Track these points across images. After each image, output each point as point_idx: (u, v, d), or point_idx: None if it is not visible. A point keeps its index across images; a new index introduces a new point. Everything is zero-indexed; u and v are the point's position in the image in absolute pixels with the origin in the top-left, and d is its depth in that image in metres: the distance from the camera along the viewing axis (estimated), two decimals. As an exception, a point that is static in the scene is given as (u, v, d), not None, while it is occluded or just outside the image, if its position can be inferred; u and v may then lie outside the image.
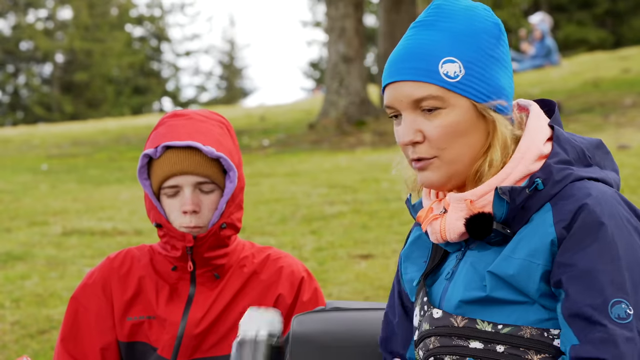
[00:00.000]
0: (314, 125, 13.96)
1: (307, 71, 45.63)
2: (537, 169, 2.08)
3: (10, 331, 5.42)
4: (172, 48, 44.81)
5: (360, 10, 14.11)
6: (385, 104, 2.14)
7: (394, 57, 2.12)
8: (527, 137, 2.10)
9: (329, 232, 7.19)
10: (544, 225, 2.04)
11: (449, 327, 2.10)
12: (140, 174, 2.86)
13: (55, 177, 11.53)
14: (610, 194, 2.06)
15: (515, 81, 2.22)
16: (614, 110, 12.74)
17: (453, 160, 2.09)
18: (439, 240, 2.15)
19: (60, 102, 38.56)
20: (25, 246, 7.38)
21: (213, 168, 2.81)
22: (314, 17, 44.22)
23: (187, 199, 2.80)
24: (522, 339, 2.04)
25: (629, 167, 8.41)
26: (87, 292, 2.91)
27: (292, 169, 10.55)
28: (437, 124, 2.07)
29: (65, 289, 6.06)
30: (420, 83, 2.07)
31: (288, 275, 2.92)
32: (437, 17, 2.11)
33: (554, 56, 19.63)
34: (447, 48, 2.08)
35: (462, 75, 2.07)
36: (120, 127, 18.15)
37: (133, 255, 2.93)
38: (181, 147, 2.79)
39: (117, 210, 8.70)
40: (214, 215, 2.83)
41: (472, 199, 2.08)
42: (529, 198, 2.05)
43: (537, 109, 2.16)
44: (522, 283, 2.04)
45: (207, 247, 2.84)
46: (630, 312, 1.97)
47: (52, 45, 39.18)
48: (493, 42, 2.11)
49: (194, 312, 2.87)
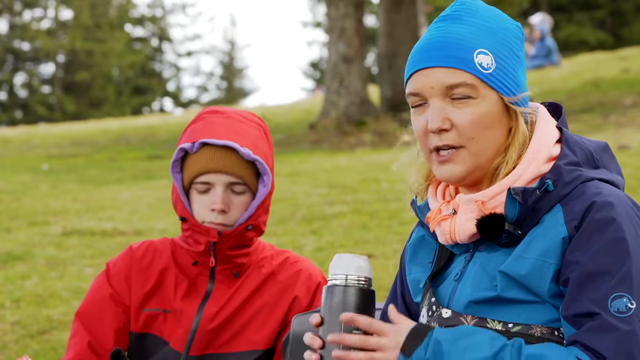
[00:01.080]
0: (314, 126, 13.96)
1: (308, 71, 45.64)
2: (547, 171, 2.09)
3: (10, 331, 5.42)
4: (173, 48, 44.82)
5: (361, 10, 14.11)
6: (411, 91, 2.13)
7: (424, 45, 2.13)
8: (537, 138, 2.11)
9: (329, 232, 7.19)
10: (556, 225, 2.05)
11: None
12: (173, 167, 2.86)
13: (55, 177, 11.53)
14: (620, 194, 2.08)
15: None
16: (614, 111, 12.74)
17: (478, 153, 2.09)
18: (448, 241, 2.15)
19: (62, 102, 38.57)
20: (26, 246, 7.37)
21: (247, 170, 2.82)
22: (314, 18, 44.24)
23: (218, 197, 2.81)
24: (533, 337, 2.05)
25: (629, 167, 8.41)
26: (110, 279, 2.92)
27: (292, 169, 10.55)
28: (467, 113, 2.08)
29: (65, 289, 6.06)
30: (455, 70, 2.08)
31: (306, 278, 2.93)
32: (465, 13, 2.14)
33: (554, 56, 19.63)
34: (480, 40, 2.10)
35: (494, 68, 2.10)
36: (120, 127, 18.15)
37: (155, 248, 2.94)
38: (218, 146, 2.81)
39: (117, 211, 8.70)
40: (242, 216, 2.84)
41: (483, 200, 2.09)
42: (539, 199, 2.06)
43: (545, 111, 2.18)
44: (533, 283, 2.04)
45: (229, 245, 2.85)
46: (631, 307, 1.97)
47: (54, 45, 39.18)
48: (517, 43, 2.15)
49: (209, 307, 2.88)
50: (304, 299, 2.91)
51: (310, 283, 2.93)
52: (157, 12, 44.40)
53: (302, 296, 2.91)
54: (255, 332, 2.88)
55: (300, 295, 2.91)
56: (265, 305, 2.90)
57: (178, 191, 2.86)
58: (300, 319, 2.67)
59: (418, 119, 2.13)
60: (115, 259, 2.96)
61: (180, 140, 2.87)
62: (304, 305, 2.91)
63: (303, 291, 2.91)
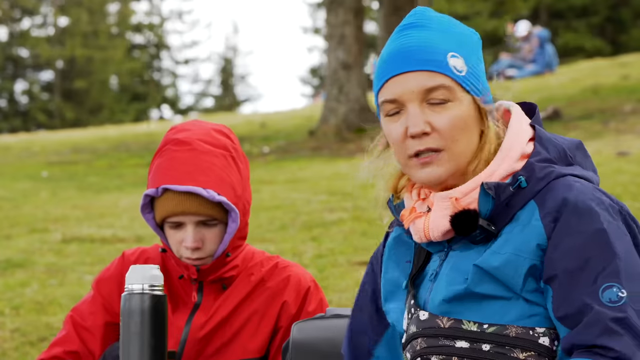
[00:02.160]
0: (314, 132, 13.97)
1: (307, 78, 45.66)
2: (520, 168, 2.11)
3: (10, 338, 5.42)
4: (171, 55, 44.83)
5: (360, 17, 14.12)
6: (387, 98, 2.13)
7: (397, 51, 2.14)
8: (510, 136, 2.14)
9: (329, 239, 7.19)
10: (531, 221, 2.06)
11: (435, 328, 2.12)
12: (143, 209, 2.84)
13: (55, 184, 11.53)
14: (592, 187, 2.09)
15: (514, 88, 2.25)
16: (614, 117, 12.75)
17: (458, 155, 2.11)
18: (422, 239, 2.16)
19: (61, 109, 38.58)
20: (25, 253, 7.37)
21: (215, 208, 2.79)
22: (314, 24, 44.25)
23: (189, 236, 2.79)
24: (508, 337, 2.05)
25: (629, 174, 8.41)
26: (103, 283, 2.93)
27: (292, 176, 10.55)
28: (446, 116, 2.10)
29: (65, 296, 6.06)
30: (432, 73, 2.10)
31: (295, 284, 2.92)
32: (427, 20, 2.17)
33: (553, 63, 19.63)
34: (450, 44, 2.13)
35: (466, 71, 2.12)
36: (120, 134, 18.15)
37: (148, 256, 2.94)
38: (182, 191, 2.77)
39: (117, 218, 8.70)
40: (218, 248, 2.83)
41: (457, 196, 2.11)
42: (512, 196, 2.08)
43: (519, 109, 2.20)
44: (507, 276, 2.05)
45: (211, 273, 2.85)
46: (622, 295, 1.98)
47: (53, 52, 39.21)
48: (478, 47, 2.18)
49: (198, 316, 2.87)
50: (293, 305, 2.90)
51: (299, 288, 2.91)
52: (154, 19, 44.41)
53: (291, 302, 2.90)
54: (248, 340, 2.86)
55: (289, 301, 2.89)
56: (256, 312, 2.89)
57: (152, 229, 2.86)
58: (300, 325, 2.67)
59: (394, 125, 2.13)
60: (109, 265, 2.96)
61: (148, 175, 2.84)
62: (293, 312, 2.89)
63: (292, 297, 2.90)
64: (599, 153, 9.81)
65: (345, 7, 13.87)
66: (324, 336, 2.63)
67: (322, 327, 2.65)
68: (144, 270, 2.31)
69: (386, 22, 14.41)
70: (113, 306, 2.89)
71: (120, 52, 39.87)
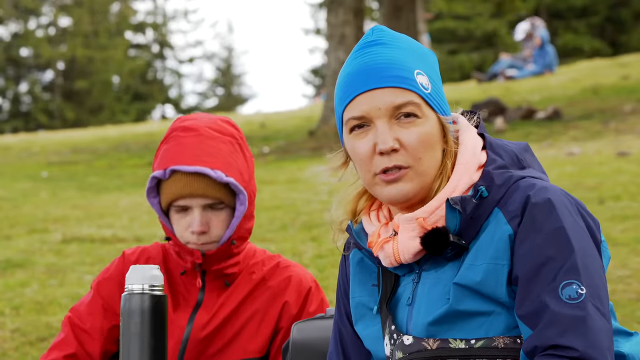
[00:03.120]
0: (314, 132, 13.97)
1: (309, 78, 45.65)
2: (478, 178, 2.12)
3: (10, 339, 5.42)
4: (174, 55, 44.84)
5: (360, 17, 14.12)
6: (354, 115, 2.11)
7: (363, 68, 2.12)
8: (464, 149, 2.14)
9: (329, 239, 7.18)
10: (499, 226, 2.07)
11: (423, 352, 2.10)
12: (149, 193, 2.85)
13: (55, 184, 11.52)
14: (552, 185, 2.10)
15: (514, 88, 2.26)
16: (614, 117, 12.74)
17: (424, 172, 2.11)
18: (393, 263, 2.14)
19: (61, 109, 38.58)
20: (25, 253, 7.37)
21: (222, 190, 2.80)
22: (316, 24, 44.25)
23: (196, 220, 2.79)
24: (497, 349, 2.06)
25: (629, 174, 8.40)
26: (103, 284, 2.92)
27: (292, 176, 10.55)
28: (415, 132, 2.09)
29: (65, 296, 6.06)
30: (401, 90, 2.10)
31: (296, 284, 2.92)
32: (389, 38, 2.16)
33: (553, 63, 19.63)
34: (415, 62, 2.13)
35: (431, 89, 2.13)
36: (120, 135, 18.15)
37: (149, 255, 2.94)
38: (190, 172, 2.78)
39: (116, 218, 8.69)
40: (225, 233, 2.83)
41: (424, 216, 2.10)
42: (476, 207, 2.08)
43: (465, 121, 2.20)
44: (490, 288, 2.05)
45: (216, 261, 2.84)
46: (582, 292, 1.99)
47: (54, 52, 39.21)
48: (436, 66, 2.18)
49: (200, 316, 2.87)
50: (294, 305, 2.90)
51: (300, 289, 2.92)
52: (158, 18, 44.41)
53: (292, 302, 2.90)
54: (249, 341, 2.86)
55: (290, 301, 2.90)
56: (257, 312, 2.89)
57: (157, 214, 2.85)
58: (300, 326, 2.67)
59: (361, 142, 2.11)
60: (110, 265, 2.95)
61: (154, 162, 2.85)
62: (294, 312, 2.90)
63: (293, 297, 2.90)
64: (598, 153, 9.81)
65: (345, 7, 13.88)
66: (323, 336, 2.63)
67: (322, 328, 2.66)
68: (144, 271, 2.31)
69: (386, 22, 14.41)
70: (113, 307, 2.88)
71: (121, 52, 39.86)
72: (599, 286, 2.01)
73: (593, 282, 2.00)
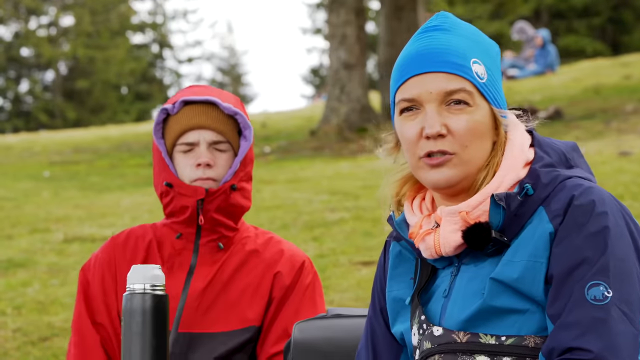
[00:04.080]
0: (316, 132, 13.97)
1: (308, 78, 45.68)
2: (524, 175, 2.11)
3: (12, 338, 5.42)
4: (174, 55, 44.86)
5: (362, 17, 14.12)
6: (405, 97, 2.11)
7: (419, 51, 2.12)
8: (512, 145, 2.13)
9: (330, 239, 7.19)
10: (541, 224, 2.05)
11: (452, 344, 2.09)
12: (156, 132, 2.90)
13: (57, 184, 11.53)
14: (599, 187, 2.09)
15: (515, 88, 2.26)
16: (615, 117, 12.74)
17: (469, 161, 2.10)
18: (433, 255, 2.13)
19: (63, 109, 38.60)
20: (27, 253, 7.38)
21: (229, 125, 2.88)
22: (314, 25, 44.28)
23: (203, 152, 2.85)
24: (527, 348, 2.04)
25: (630, 174, 8.40)
26: (92, 269, 2.95)
27: (293, 176, 10.56)
28: (464, 119, 2.09)
29: (66, 295, 6.06)
30: (454, 76, 2.09)
31: (289, 257, 2.93)
32: (451, 25, 2.16)
33: (555, 63, 19.64)
34: (473, 51, 2.12)
35: (487, 79, 2.12)
36: (121, 134, 18.16)
37: (137, 234, 2.96)
38: (199, 102, 2.87)
39: (118, 217, 8.70)
40: (227, 173, 2.88)
41: (467, 210, 2.09)
42: (521, 205, 2.07)
43: (513, 116, 2.19)
44: (527, 286, 2.04)
45: (216, 206, 2.86)
46: (608, 295, 1.97)
47: (55, 52, 39.23)
48: (498, 58, 2.18)
49: (195, 283, 2.88)
50: (287, 277, 2.90)
51: (293, 261, 2.92)
52: (157, 18, 44.44)
53: (285, 273, 2.90)
54: (244, 310, 2.87)
55: (283, 272, 2.90)
56: (251, 282, 2.89)
57: (162, 155, 2.88)
58: (302, 326, 2.67)
59: (410, 124, 2.11)
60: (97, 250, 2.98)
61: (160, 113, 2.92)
62: (287, 283, 2.90)
63: (286, 269, 2.91)
64: (600, 153, 9.81)
65: (346, 7, 13.88)
66: (325, 336, 2.63)
67: (324, 327, 2.66)
68: (145, 270, 2.32)
69: (387, 22, 14.41)
70: (107, 300, 2.91)
71: (122, 52, 39.88)
72: (629, 292, 1.98)
73: (623, 286, 1.98)
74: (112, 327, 2.90)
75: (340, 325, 2.63)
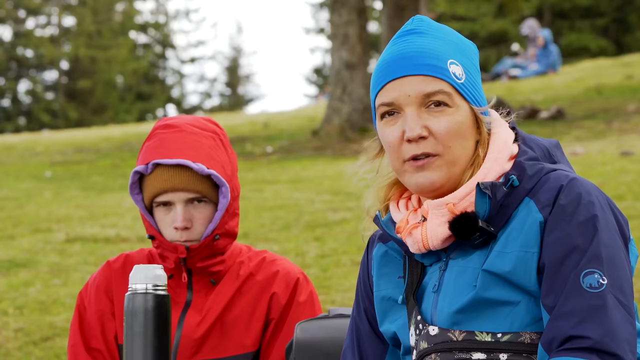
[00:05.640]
0: (317, 132, 13.97)
1: (311, 77, 45.67)
2: (509, 168, 2.13)
3: (13, 338, 5.42)
4: (176, 55, 44.87)
5: (364, 17, 14.12)
6: (385, 101, 2.14)
7: (396, 55, 2.14)
8: (496, 139, 2.15)
9: (332, 239, 7.19)
10: (530, 214, 2.08)
11: (449, 343, 2.10)
12: (132, 189, 2.87)
13: (58, 184, 11.53)
14: (584, 179, 2.11)
15: (517, 88, 2.27)
16: (617, 117, 12.74)
17: (453, 162, 2.12)
18: (421, 249, 2.14)
19: (65, 109, 38.61)
20: (29, 253, 7.38)
21: (204, 184, 2.81)
22: (317, 24, 44.28)
23: (179, 215, 2.81)
24: (523, 344, 2.05)
25: (633, 174, 8.40)
26: (88, 295, 2.95)
27: (295, 176, 10.55)
28: (444, 121, 2.11)
29: (68, 296, 6.06)
30: (432, 78, 2.11)
31: (283, 275, 2.93)
32: (427, 28, 2.18)
33: (556, 63, 19.63)
34: (450, 52, 2.15)
35: (464, 79, 2.14)
36: (123, 134, 18.16)
37: (133, 260, 2.96)
38: (171, 165, 2.80)
39: (120, 217, 8.70)
40: (207, 228, 2.83)
41: (453, 202, 2.11)
42: (507, 195, 2.09)
43: (496, 114, 2.22)
44: (519, 277, 2.05)
45: (200, 258, 2.85)
46: (603, 282, 1.99)
47: (57, 52, 39.24)
48: (476, 58, 2.20)
49: (190, 317, 2.88)
50: (282, 296, 2.90)
51: (288, 279, 2.92)
52: (160, 18, 44.44)
53: (280, 292, 2.90)
54: (242, 336, 2.87)
55: (279, 292, 2.90)
56: (246, 307, 2.89)
57: (141, 211, 2.87)
58: (304, 326, 2.67)
59: (390, 129, 2.13)
60: (94, 274, 2.98)
61: (138, 159, 2.88)
62: (283, 302, 2.90)
63: (282, 288, 2.91)
64: (602, 153, 9.80)
65: (348, 7, 13.88)
66: (327, 336, 2.63)
67: (326, 327, 2.66)
68: (147, 270, 2.32)
69: (389, 22, 14.41)
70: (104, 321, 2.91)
71: (124, 51, 39.88)
72: (621, 279, 2.01)
73: (616, 274, 2.01)
74: (109, 352, 2.90)
75: (342, 325, 2.63)
